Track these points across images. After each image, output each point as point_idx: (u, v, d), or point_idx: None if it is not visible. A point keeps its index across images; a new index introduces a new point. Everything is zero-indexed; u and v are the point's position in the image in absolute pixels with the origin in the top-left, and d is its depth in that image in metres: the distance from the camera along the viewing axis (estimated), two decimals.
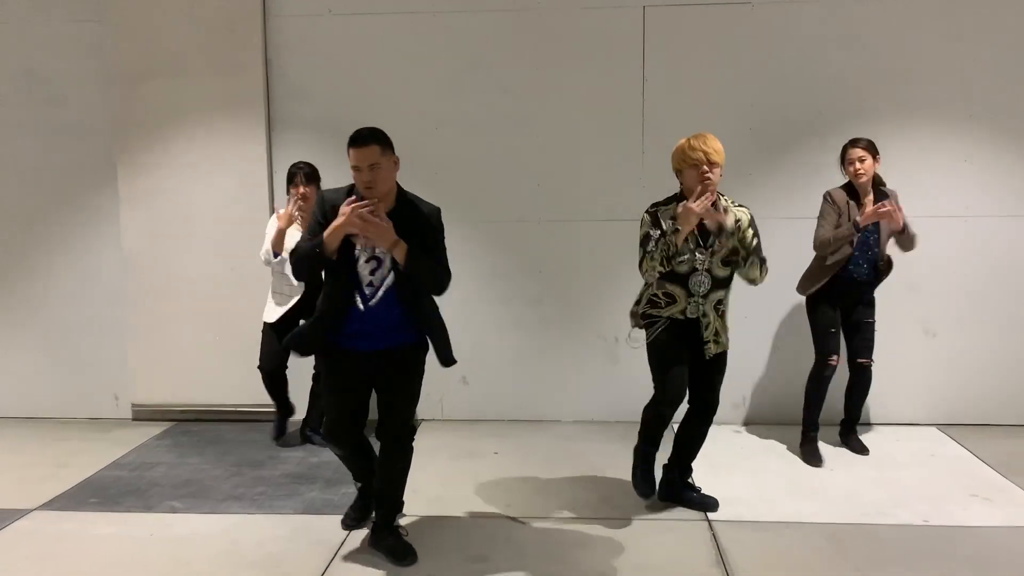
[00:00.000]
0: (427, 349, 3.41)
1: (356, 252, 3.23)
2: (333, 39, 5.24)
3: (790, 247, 4.76)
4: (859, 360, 4.57)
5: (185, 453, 4.82)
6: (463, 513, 3.92)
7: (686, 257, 3.59)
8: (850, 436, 4.74)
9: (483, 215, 5.25)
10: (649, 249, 3.59)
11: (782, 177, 5.12)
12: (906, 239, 4.38)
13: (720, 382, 3.81)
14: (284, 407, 4.93)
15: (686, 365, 3.73)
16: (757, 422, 5.24)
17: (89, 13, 5.31)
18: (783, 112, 5.09)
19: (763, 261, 3.68)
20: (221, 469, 4.53)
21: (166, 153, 5.29)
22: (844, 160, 4.45)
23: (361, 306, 3.25)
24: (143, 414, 5.49)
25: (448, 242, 3.41)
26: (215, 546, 3.58)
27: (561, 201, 5.23)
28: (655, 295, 3.73)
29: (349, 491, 3.95)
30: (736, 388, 5.09)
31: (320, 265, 3.27)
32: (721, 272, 3.66)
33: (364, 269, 3.24)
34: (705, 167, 3.50)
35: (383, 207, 3.18)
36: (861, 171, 4.34)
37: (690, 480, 3.96)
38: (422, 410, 3.53)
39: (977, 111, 5.01)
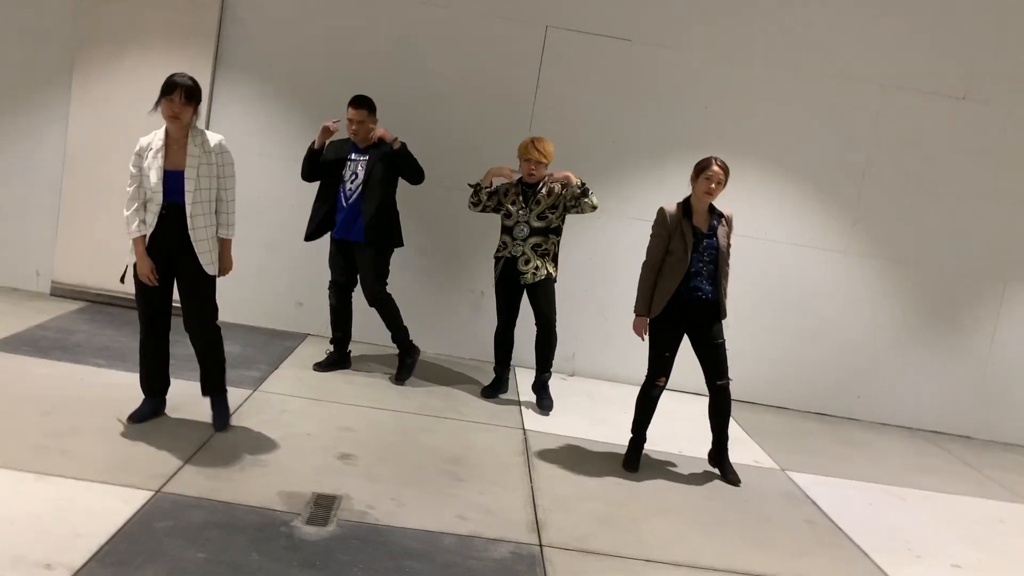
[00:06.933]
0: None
1: None
2: None
3: (638, 246, 5.42)
4: (718, 383, 4.64)
5: (102, 326, 5.65)
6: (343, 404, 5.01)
7: (513, 211, 5.17)
8: (722, 463, 4.79)
9: None
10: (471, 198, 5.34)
11: (637, 185, 6.37)
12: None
13: (546, 305, 5.23)
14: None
15: (513, 298, 5.36)
16: (583, 375, 6.53)
17: None
18: (645, 131, 6.35)
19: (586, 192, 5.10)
20: (136, 343, 5.35)
21: (119, 68, 6.04)
22: (699, 174, 4.38)
23: None
24: (61, 291, 6.23)
25: None
26: (137, 393, 4.50)
27: (459, 172, 6.28)
28: (500, 244, 5.30)
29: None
30: (567, 345, 6.32)
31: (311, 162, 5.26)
32: (537, 223, 5.16)
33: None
34: (533, 165, 5.13)
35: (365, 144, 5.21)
36: (715, 192, 4.38)
37: (545, 378, 5.49)
38: None
39: (790, 163, 6.44)
